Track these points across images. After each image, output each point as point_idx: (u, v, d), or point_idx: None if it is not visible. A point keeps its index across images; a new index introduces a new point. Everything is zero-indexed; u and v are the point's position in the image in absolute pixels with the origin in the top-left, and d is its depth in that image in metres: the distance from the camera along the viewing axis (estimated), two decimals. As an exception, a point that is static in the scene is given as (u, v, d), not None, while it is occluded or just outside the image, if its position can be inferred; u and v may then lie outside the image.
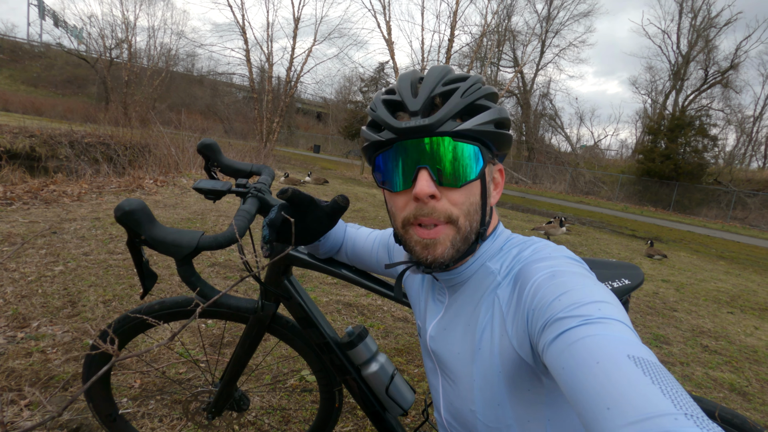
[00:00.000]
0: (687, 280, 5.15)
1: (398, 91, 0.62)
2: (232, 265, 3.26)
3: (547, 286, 0.53)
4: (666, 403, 0.35)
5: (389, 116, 0.61)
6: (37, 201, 4.35)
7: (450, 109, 0.58)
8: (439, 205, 0.60)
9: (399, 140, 0.61)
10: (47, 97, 28.89)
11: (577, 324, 0.45)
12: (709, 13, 23.92)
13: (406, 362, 2.20)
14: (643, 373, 0.38)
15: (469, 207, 0.61)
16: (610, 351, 0.41)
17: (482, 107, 0.60)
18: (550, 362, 0.46)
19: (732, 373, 2.61)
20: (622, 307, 0.50)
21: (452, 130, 0.58)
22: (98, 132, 11.07)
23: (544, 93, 28.47)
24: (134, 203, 0.70)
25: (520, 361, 0.57)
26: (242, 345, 1.06)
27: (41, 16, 38.29)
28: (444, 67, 0.63)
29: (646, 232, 10.39)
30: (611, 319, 0.45)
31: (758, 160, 27.40)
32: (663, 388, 0.36)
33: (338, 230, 0.96)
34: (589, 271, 0.58)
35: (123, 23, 24.89)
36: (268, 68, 17.04)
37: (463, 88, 0.60)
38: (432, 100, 0.60)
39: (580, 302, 0.48)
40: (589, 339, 0.43)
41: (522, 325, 0.55)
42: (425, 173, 0.59)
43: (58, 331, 2.03)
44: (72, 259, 2.91)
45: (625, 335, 0.43)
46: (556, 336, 0.46)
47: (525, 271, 0.59)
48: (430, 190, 0.58)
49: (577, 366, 0.42)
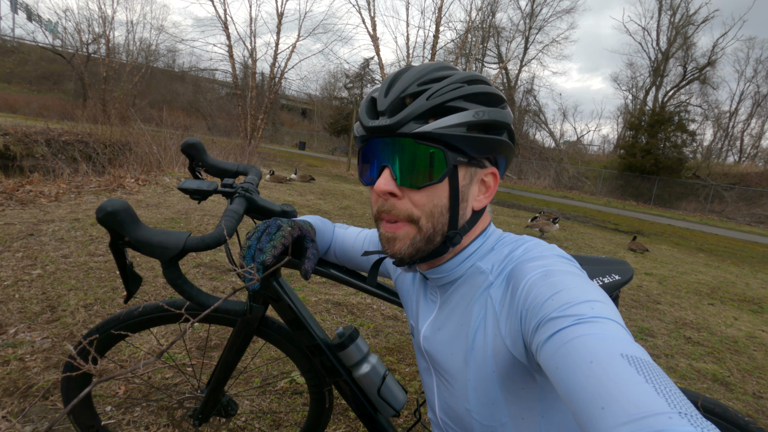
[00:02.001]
0: (669, 272, 5.26)
1: (378, 88, 0.63)
2: (218, 266, 3.20)
3: (540, 285, 0.53)
4: (660, 401, 0.35)
5: (364, 114, 0.62)
6: (12, 202, 4.20)
7: (412, 111, 0.57)
8: (400, 203, 0.61)
9: (369, 138, 0.62)
10: (21, 94, 27.96)
11: (570, 323, 0.45)
12: (687, 11, 24.51)
13: (397, 361, 2.19)
14: (637, 372, 0.38)
15: (432, 209, 0.60)
16: (603, 350, 0.41)
17: (455, 108, 0.58)
18: (544, 362, 0.46)
19: (714, 364, 2.68)
20: (614, 305, 0.50)
21: (412, 132, 0.58)
22: (76, 130, 10.74)
23: (528, 89, 28.76)
24: (117, 203, 0.67)
25: (513, 361, 0.57)
26: (230, 349, 1.03)
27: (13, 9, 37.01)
28: (431, 65, 0.62)
29: (628, 226, 10.61)
30: (604, 318, 0.45)
31: (734, 154, 28.24)
32: (656, 386, 0.36)
33: (327, 230, 0.93)
34: (581, 270, 0.58)
35: (100, 17, 24.18)
36: (251, 64, 16.81)
37: (434, 89, 0.58)
38: (402, 100, 0.59)
39: (573, 301, 0.48)
40: (583, 338, 0.43)
41: (515, 325, 0.55)
42: (387, 171, 0.60)
43: (36, 337, 1.96)
44: (50, 262, 2.82)
45: (618, 334, 0.43)
46: (549, 335, 0.46)
47: (517, 271, 0.58)
48: (387, 187, 0.60)
49: (571, 366, 0.42)
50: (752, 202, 19.90)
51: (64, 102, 24.73)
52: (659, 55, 25.62)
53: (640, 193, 22.49)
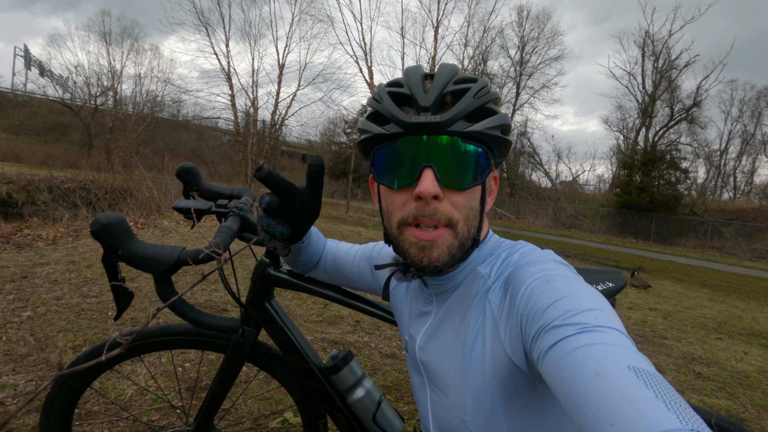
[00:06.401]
0: (673, 307, 5.16)
1: (407, 84, 0.60)
2: (213, 305, 3.14)
3: (541, 291, 0.51)
4: (671, 418, 0.33)
5: (397, 109, 0.58)
6: (9, 246, 4.19)
7: (462, 109, 0.56)
8: (441, 206, 0.57)
9: (405, 135, 0.58)
10: (28, 144, 28.70)
11: (573, 332, 0.44)
12: (669, 56, 25.66)
13: (395, 399, 2.10)
14: (646, 386, 0.36)
15: (468, 212, 0.59)
16: (609, 362, 0.39)
17: (491, 111, 0.59)
18: (546, 371, 0.44)
19: (727, 400, 2.56)
20: (616, 313, 0.49)
21: (463, 131, 0.56)
22: (79, 177, 10.94)
23: (522, 132, 29.56)
24: (112, 216, 0.67)
25: (513, 368, 0.55)
26: (220, 377, 0.99)
27: (27, 66, 38.77)
28: (453, 67, 0.61)
29: (629, 263, 10.53)
30: (608, 327, 0.44)
31: (728, 191, 28.58)
32: (666, 402, 0.35)
33: (318, 242, 0.92)
34: (578, 274, 0.57)
35: (109, 72, 25.34)
36: (253, 112, 17.42)
37: (475, 89, 0.58)
38: (443, 97, 0.58)
39: (575, 309, 0.46)
40: (587, 348, 0.41)
41: (515, 331, 0.53)
42: (430, 172, 0.56)
43: (20, 380, 1.88)
44: (42, 303, 2.77)
45: (623, 344, 0.42)
46: (551, 344, 0.45)
47: (516, 275, 0.57)
48: (435, 190, 0.55)
49: (576, 377, 0.40)
50: (751, 237, 19.89)
51: (70, 151, 25.34)
52: (646, 97, 26.59)
53: (639, 230, 22.51)
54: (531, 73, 28.91)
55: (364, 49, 16.66)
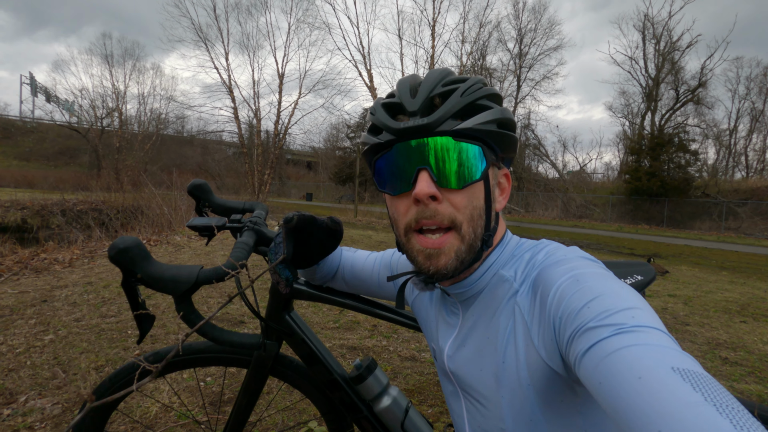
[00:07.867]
0: (693, 293, 5.07)
1: (397, 93, 0.61)
2: (230, 318, 3.15)
3: (573, 291, 0.49)
4: (724, 423, 0.31)
5: (388, 118, 0.59)
6: (27, 270, 4.26)
7: (449, 108, 0.57)
8: (441, 207, 0.57)
9: (398, 141, 0.59)
10: (39, 170, 29.26)
11: (610, 333, 0.42)
12: (670, 38, 25.35)
13: (418, 402, 2.08)
14: (693, 388, 0.34)
15: (472, 211, 0.58)
16: (651, 364, 0.37)
17: (483, 107, 0.59)
18: (585, 376, 0.42)
19: (758, 384, 2.50)
20: (654, 312, 0.47)
21: (452, 129, 0.56)
22: (90, 198, 11.11)
23: (525, 124, 29.37)
24: (129, 240, 0.68)
25: (550, 373, 0.53)
26: (245, 392, 0.99)
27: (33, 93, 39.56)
28: (444, 70, 0.62)
29: (644, 250, 10.38)
30: (647, 326, 0.42)
31: (741, 170, 28.10)
32: (717, 404, 0.33)
33: (334, 253, 0.91)
34: (607, 270, 0.55)
35: (114, 93, 25.76)
36: (256, 123, 17.55)
37: (462, 88, 0.59)
38: (431, 100, 0.58)
39: (611, 309, 0.44)
40: (627, 350, 0.39)
41: (549, 334, 0.52)
42: (425, 174, 0.56)
43: (47, 404, 1.91)
44: (63, 326, 2.80)
45: (665, 343, 0.40)
46: (588, 347, 0.43)
47: (544, 276, 0.55)
48: (430, 190, 0.56)
49: (617, 381, 0.38)
50: (768, 216, 19.51)
51: (80, 174, 25.76)
52: (649, 81, 26.27)
53: (651, 216, 22.20)
54: (531, 65, 28.75)
55: (363, 53, 16.76)
